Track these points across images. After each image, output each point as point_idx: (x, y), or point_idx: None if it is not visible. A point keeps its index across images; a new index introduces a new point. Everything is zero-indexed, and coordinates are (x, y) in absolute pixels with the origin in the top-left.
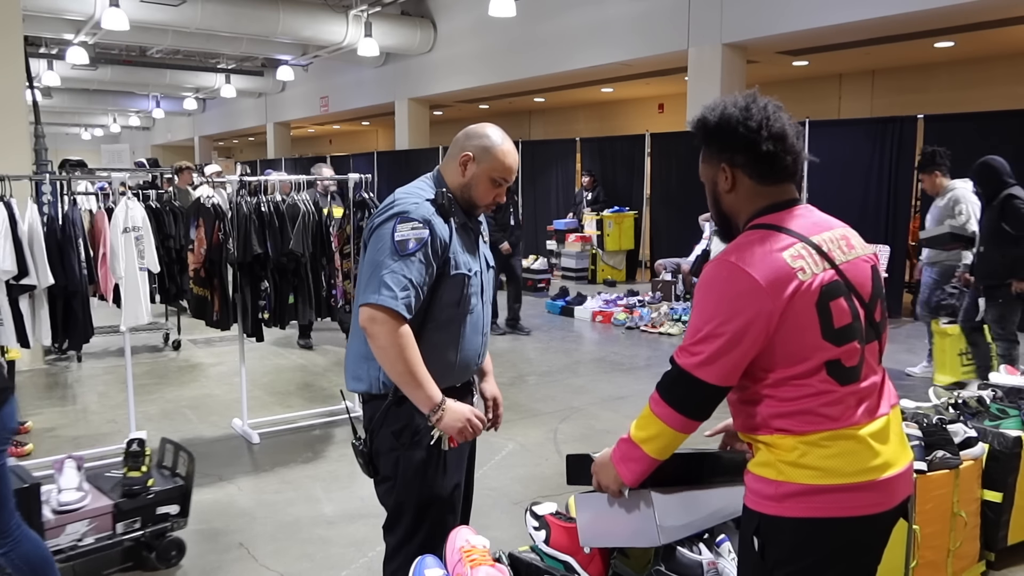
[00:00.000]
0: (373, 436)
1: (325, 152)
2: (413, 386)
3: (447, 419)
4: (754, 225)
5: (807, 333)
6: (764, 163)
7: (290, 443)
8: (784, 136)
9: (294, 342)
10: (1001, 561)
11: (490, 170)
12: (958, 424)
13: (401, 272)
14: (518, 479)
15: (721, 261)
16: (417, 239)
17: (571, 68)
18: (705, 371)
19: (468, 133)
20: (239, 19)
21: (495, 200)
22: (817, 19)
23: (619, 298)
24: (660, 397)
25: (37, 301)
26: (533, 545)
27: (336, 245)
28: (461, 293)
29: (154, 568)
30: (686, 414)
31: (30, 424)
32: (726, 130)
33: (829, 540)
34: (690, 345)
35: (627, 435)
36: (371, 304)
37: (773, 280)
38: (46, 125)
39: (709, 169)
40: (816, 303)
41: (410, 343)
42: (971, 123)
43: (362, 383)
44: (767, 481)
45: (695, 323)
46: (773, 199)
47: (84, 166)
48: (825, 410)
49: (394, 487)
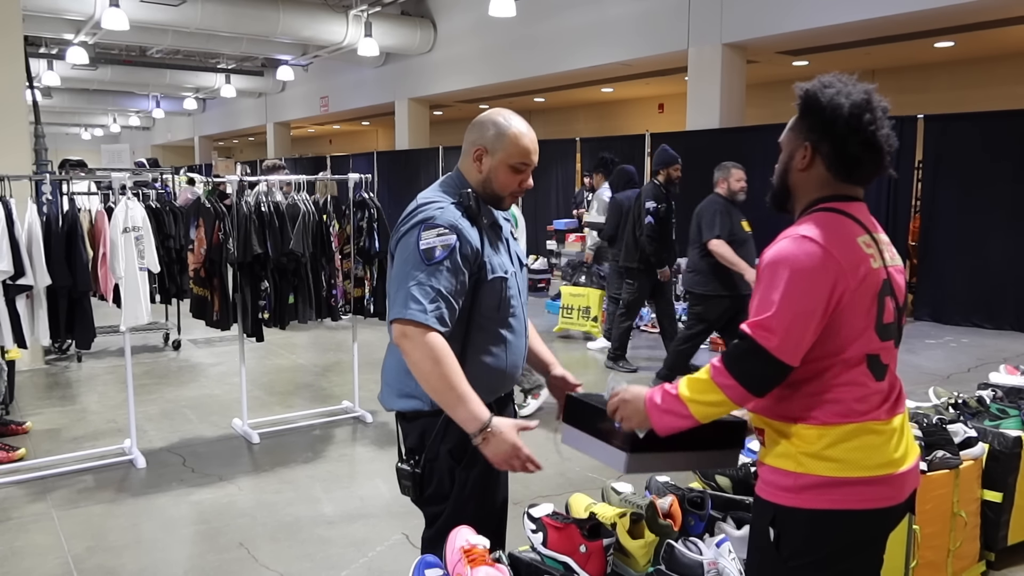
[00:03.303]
0: (426, 455)
1: (325, 152)
2: (454, 403)
3: (493, 444)
4: (824, 208)
5: (864, 320)
6: (845, 163)
7: (290, 443)
8: (878, 149)
9: (294, 342)
10: (1001, 561)
11: (507, 158)
12: (958, 424)
13: (429, 283)
14: (518, 479)
15: (798, 237)
16: (444, 246)
17: (571, 68)
18: (781, 348)
19: (476, 123)
20: (239, 19)
21: (522, 187)
22: (817, 19)
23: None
24: (725, 368)
25: (36, 301)
26: (533, 546)
27: (336, 245)
28: (500, 297)
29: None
30: (749, 388)
31: (30, 424)
32: (828, 116)
33: (845, 532)
34: (764, 319)
35: (674, 389)
36: (401, 320)
37: (849, 259)
38: (46, 125)
39: (793, 140)
40: (877, 293)
41: (446, 357)
42: (971, 123)
43: (415, 400)
44: (785, 473)
45: (767, 296)
46: (840, 192)
47: (84, 166)
48: (856, 404)
49: (446, 507)
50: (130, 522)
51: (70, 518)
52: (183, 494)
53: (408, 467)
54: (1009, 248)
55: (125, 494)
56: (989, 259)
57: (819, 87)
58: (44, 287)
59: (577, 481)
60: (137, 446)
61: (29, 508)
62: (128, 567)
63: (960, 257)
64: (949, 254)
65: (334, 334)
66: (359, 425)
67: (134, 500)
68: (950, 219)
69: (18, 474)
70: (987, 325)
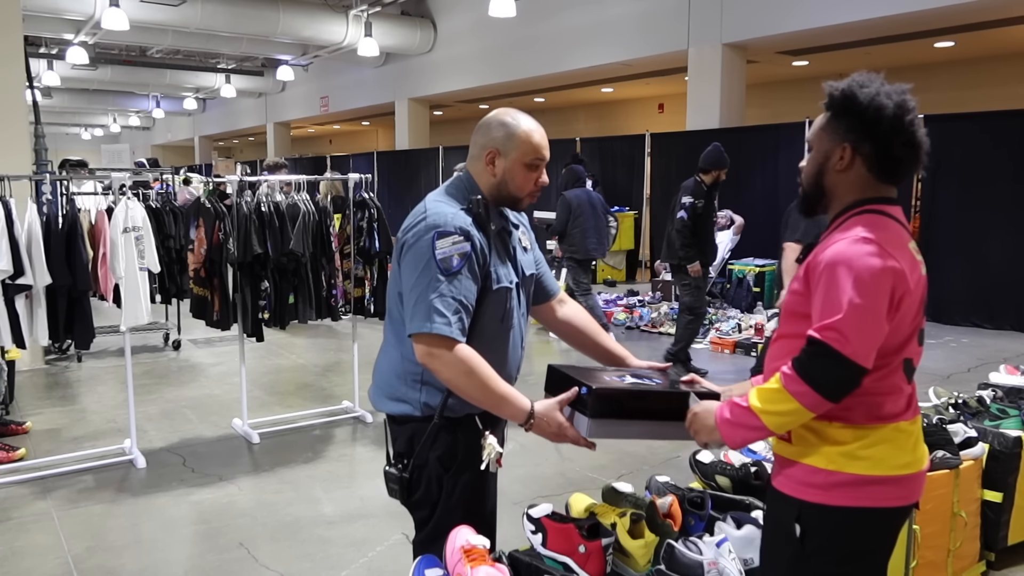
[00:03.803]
0: (414, 461)
1: (325, 152)
2: (496, 405)
3: (540, 428)
4: (872, 210)
5: (911, 325)
6: (889, 163)
7: (290, 443)
8: (919, 147)
9: (294, 342)
10: (1001, 561)
11: (521, 156)
12: (958, 424)
13: (451, 294)
14: (518, 479)
15: (858, 239)
16: (460, 254)
17: (571, 68)
18: (855, 350)
19: (484, 125)
20: (239, 19)
21: (538, 186)
22: (817, 19)
23: (619, 298)
24: (798, 375)
25: (35, 301)
26: (532, 547)
27: (336, 245)
28: (504, 308)
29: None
30: (824, 394)
31: (30, 424)
32: (870, 116)
33: (869, 529)
34: (835, 322)
35: (744, 402)
36: (425, 334)
37: (908, 263)
38: (46, 125)
39: (828, 141)
40: (921, 298)
41: (477, 365)
42: (971, 123)
43: (405, 405)
44: (816, 470)
45: (833, 298)
46: (880, 194)
47: (85, 166)
48: (889, 405)
49: (434, 512)
50: (130, 522)
51: (70, 518)
52: (183, 494)
53: (396, 471)
54: (1009, 248)
55: (125, 494)
56: (989, 259)
57: (856, 87)
58: (43, 287)
59: (577, 481)
60: (137, 446)
61: (29, 508)
62: (128, 567)
63: (960, 257)
64: (949, 254)
65: (334, 334)
66: (359, 425)
67: (134, 500)
68: (950, 219)
69: (18, 474)
70: (987, 325)
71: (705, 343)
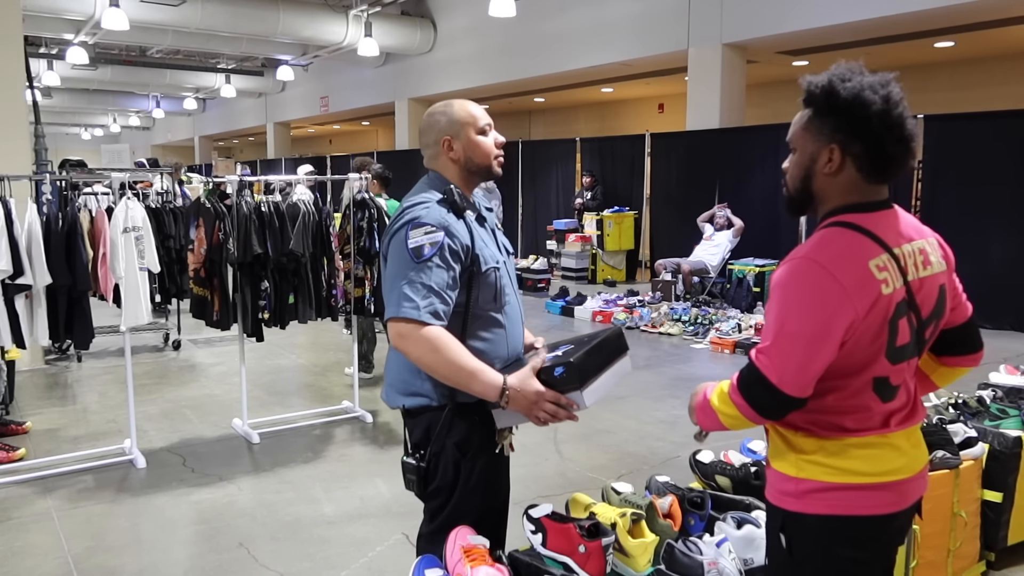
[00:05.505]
0: (431, 448)
1: (325, 152)
2: (467, 381)
3: (517, 401)
4: (839, 222)
5: (872, 347)
6: (881, 162)
7: (290, 443)
8: (911, 140)
9: (294, 342)
10: (1001, 561)
11: (471, 129)
12: (958, 424)
13: (419, 280)
14: (518, 479)
15: (807, 260)
16: (432, 243)
17: (571, 68)
18: (787, 383)
19: (427, 125)
20: (239, 19)
21: (499, 146)
22: (817, 19)
23: (619, 298)
24: (739, 391)
25: (35, 301)
26: (532, 547)
27: (336, 245)
28: (495, 287)
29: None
30: (759, 412)
31: (30, 424)
32: (856, 113)
33: (852, 537)
34: (767, 347)
35: (710, 396)
36: (395, 319)
37: (858, 288)
38: (46, 125)
39: (813, 143)
40: (889, 319)
41: (445, 342)
42: (971, 123)
43: (419, 398)
44: (787, 477)
45: (774, 323)
46: (868, 197)
47: (84, 166)
48: (853, 424)
49: (450, 499)
50: (130, 522)
51: (70, 518)
52: (183, 494)
53: (413, 461)
54: (1009, 248)
55: (125, 494)
56: (989, 259)
57: (837, 82)
58: (43, 287)
59: (577, 481)
60: (137, 446)
61: (29, 508)
62: (128, 567)
63: (960, 257)
64: None
65: (334, 334)
66: (359, 425)
67: (134, 500)
68: (950, 219)
69: (18, 474)
70: (987, 325)
71: (705, 343)
